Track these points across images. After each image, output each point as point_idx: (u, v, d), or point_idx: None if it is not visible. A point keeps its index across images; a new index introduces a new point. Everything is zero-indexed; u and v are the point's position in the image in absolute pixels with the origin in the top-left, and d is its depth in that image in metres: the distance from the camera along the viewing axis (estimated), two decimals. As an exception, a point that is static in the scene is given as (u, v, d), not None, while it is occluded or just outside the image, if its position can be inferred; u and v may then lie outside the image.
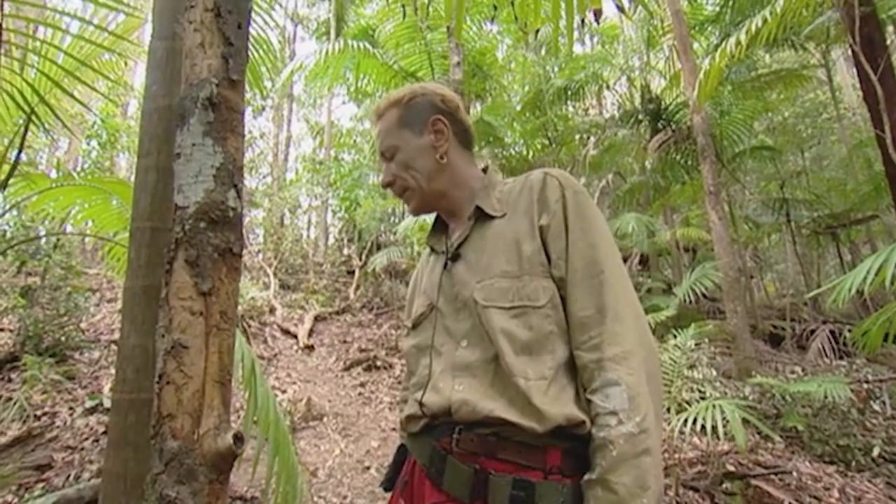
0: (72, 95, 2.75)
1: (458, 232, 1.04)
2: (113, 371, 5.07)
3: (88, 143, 9.45)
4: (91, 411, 4.28)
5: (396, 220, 11.51)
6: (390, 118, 1.07)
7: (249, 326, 7.29)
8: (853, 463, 3.75)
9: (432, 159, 1.03)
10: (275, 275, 10.00)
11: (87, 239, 8.73)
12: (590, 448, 0.82)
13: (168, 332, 0.78)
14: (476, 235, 0.99)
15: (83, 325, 5.75)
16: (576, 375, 0.87)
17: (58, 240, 5.56)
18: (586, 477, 0.79)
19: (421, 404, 0.93)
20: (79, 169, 9.70)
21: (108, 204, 3.38)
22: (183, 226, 0.80)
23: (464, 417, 0.86)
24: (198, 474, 0.74)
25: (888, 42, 6.21)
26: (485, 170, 1.09)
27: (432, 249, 1.11)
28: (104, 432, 4.02)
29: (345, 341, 7.74)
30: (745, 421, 3.16)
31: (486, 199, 1.01)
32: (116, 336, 5.82)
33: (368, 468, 4.08)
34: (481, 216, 1.00)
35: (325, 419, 5.01)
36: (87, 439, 3.90)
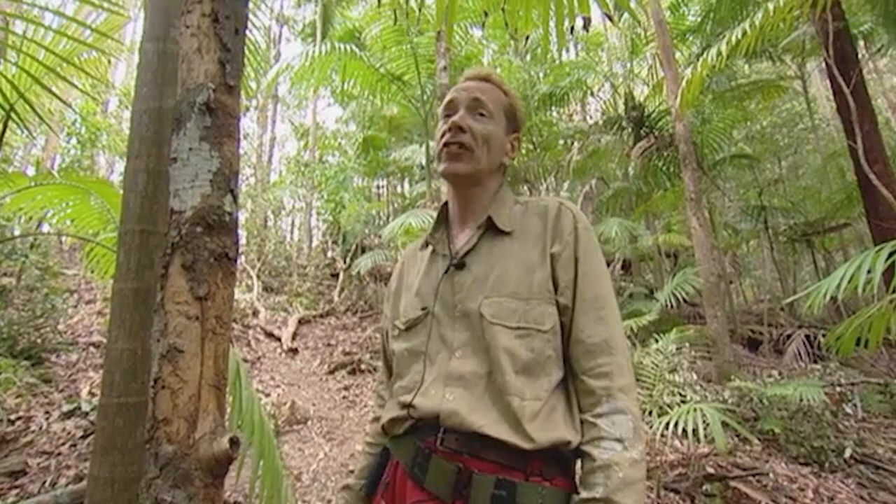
0: (52, 92, 2.70)
1: (462, 238, 1.04)
2: (92, 374, 4.97)
3: (68, 141, 9.28)
4: (68, 415, 4.19)
5: (381, 223, 11.50)
6: (499, 94, 1.06)
7: (233, 329, 7.21)
8: (826, 464, 3.84)
9: (500, 158, 1.05)
10: (258, 277, 9.91)
11: (64, 239, 8.55)
12: (584, 466, 0.84)
13: (163, 337, 0.78)
14: (484, 247, 0.99)
15: (60, 327, 5.63)
16: (566, 397, 0.90)
17: (35, 239, 5.45)
18: (587, 495, 0.81)
19: (410, 406, 0.93)
20: (57, 167, 9.51)
21: (88, 203, 3.32)
22: (179, 230, 0.80)
23: (451, 426, 0.87)
24: (193, 479, 0.74)
25: (860, 56, 6.40)
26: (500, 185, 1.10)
27: (430, 248, 1.08)
28: (82, 437, 3.93)
29: (329, 344, 7.69)
30: (724, 424, 3.22)
31: (499, 212, 1.01)
32: (95, 338, 5.72)
33: (352, 472, 4.05)
34: (491, 228, 1.00)
35: (309, 423, 4.98)
36: (63, 444, 3.82)
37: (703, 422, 3.01)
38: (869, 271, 2.85)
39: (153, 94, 1.57)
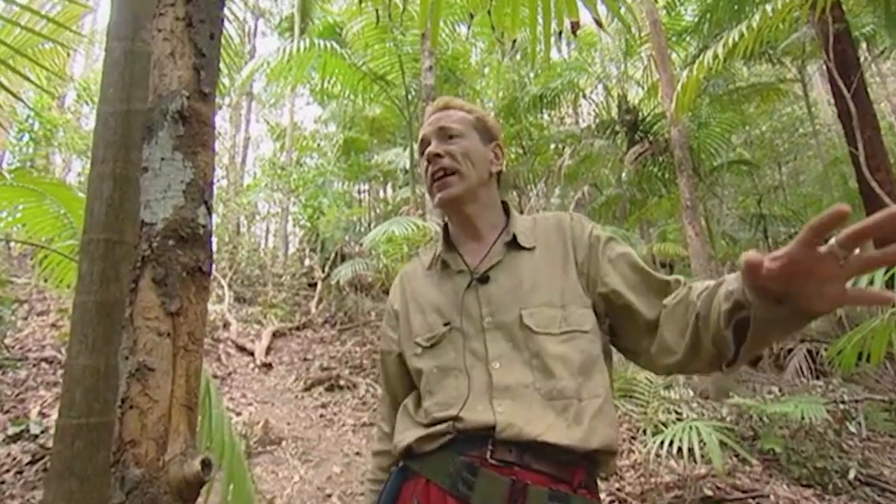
0: (1, 85, 2.67)
1: (478, 253, 1.11)
2: (43, 393, 4.88)
3: (20, 139, 9.14)
4: (14, 438, 4.09)
5: (363, 230, 11.49)
6: (462, 115, 1.16)
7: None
8: (830, 486, 3.90)
9: (487, 169, 1.14)
10: (229, 287, 9.83)
11: (13, 245, 8.41)
12: (695, 293, 0.92)
13: (132, 354, 0.79)
14: (508, 263, 1.07)
15: (8, 341, 5.53)
16: (611, 401, 1.00)
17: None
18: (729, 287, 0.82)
19: (456, 419, 0.95)
20: (7, 166, 9.35)
21: (43, 207, 3.26)
22: (150, 243, 0.82)
23: (508, 438, 0.91)
24: (162, 503, 0.75)
25: (862, 59, 6.59)
26: (504, 204, 1.19)
27: (438, 267, 1.14)
28: (30, 462, 3.85)
29: (305, 359, 7.65)
30: (722, 443, 3.27)
31: (519, 229, 1.11)
32: (48, 353, 5.62)
33: (330, 496, 4.04)
34: (513, 245, 1.09)
35: (283, 443, 4.94)
36: (8, 471, 3.73)
37: (700, 441, 3.06)
38: (870, 283, 2.93)
39: (120, 96, 1.58)
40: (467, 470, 0.91)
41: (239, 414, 5.50)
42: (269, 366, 7.17)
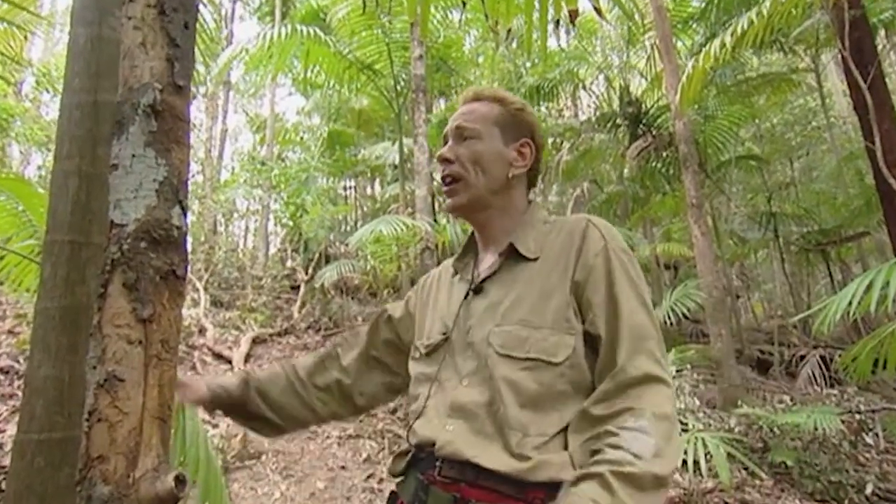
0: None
1: (485, 263, 1.12)
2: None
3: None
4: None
5: (348, 230, 11.48)
6: (488, 108, 1.13)
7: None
8: (846, 501, 3.93)
9: (504, 172, 1.11)
10: (205, 290, 9.78)
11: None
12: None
13: (101, 364, 0.79)
14: (505, 274, 1.06)
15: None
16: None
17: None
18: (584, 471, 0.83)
19: (410, 430, 1.03)
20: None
21: (-1, 203, 3.24)
22: (120, 245, 0.82)
23: (447, 455, 0.94)
24: (132, 522, 0.75)
25: (879, 48, 6.65)
26: (529, 203, 1.17)
27: (456, 273, 1.18)
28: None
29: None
30: (730, 456, 3.30)
31: (523, 237, 1.07)
32: (4, 362, 5.55)
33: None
34: (513, 254, 1.07)
35: (263, 457, 4.92)
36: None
37: (707, 453, 3.09)
38: (886, 286, 2.96)
39: (86, 87, 1.57)
40: (421, 489, 0.96)
41: (216, 426, 5.47)
42: (248, 375, 7.12)
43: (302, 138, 14.92)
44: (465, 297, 1.08)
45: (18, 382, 5.01)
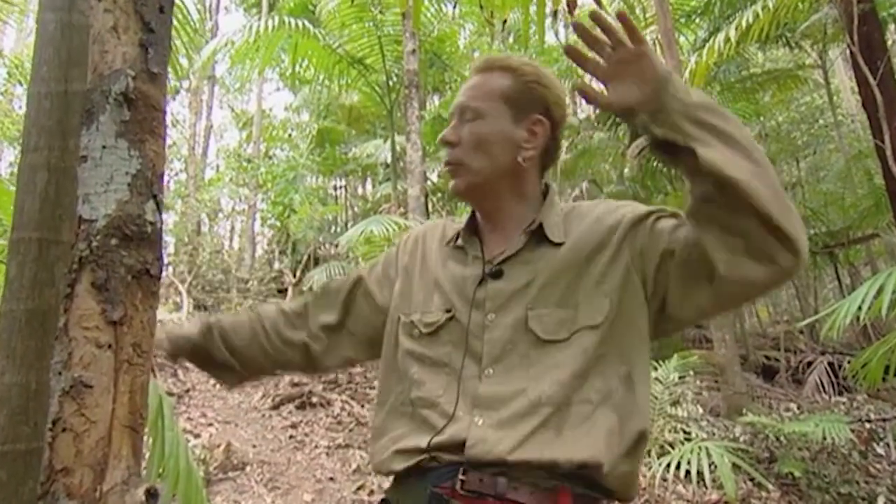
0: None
1: (499, 243, 1.06)
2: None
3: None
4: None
5: (338, 230, 11.46)
6: (496, 81, 1.07)
7: (156, 356, 7.06)
8: (856, 514, 3.94)
9: (511, 156, 1.05)
10: (188, 293, 9.75)
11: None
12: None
13: (66, 369, 0.77)
14: (526, 255, 1.02)
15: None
16: (619, 410, 0.92)
17: None
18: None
19: (439, 432, 0.93)
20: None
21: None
22: (89, 242, 0.80)
23: (476, 455, 0.88)
24: (99, 540, 0.73)
25: (889, 43, 6.68)
26: (546, 188, 1.12)
27: (456, 245, 1.11)
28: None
29: (274, 374, 7.59)
30: (735, 466, 3.30)
31: (550, 220, 1.04)
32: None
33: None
34: (537, 235, 1.03)
35: (247, 468, 4.90)
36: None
37: (711, 463, 3.08)
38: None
39: (56, 76, 1.55)
40: (437, 502, 0.89)
41: (198, 436, 5.44)
42: (232, 382, 7.10)
43: (290, 135, 14.90)
44: (482, 281, 1.01)
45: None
